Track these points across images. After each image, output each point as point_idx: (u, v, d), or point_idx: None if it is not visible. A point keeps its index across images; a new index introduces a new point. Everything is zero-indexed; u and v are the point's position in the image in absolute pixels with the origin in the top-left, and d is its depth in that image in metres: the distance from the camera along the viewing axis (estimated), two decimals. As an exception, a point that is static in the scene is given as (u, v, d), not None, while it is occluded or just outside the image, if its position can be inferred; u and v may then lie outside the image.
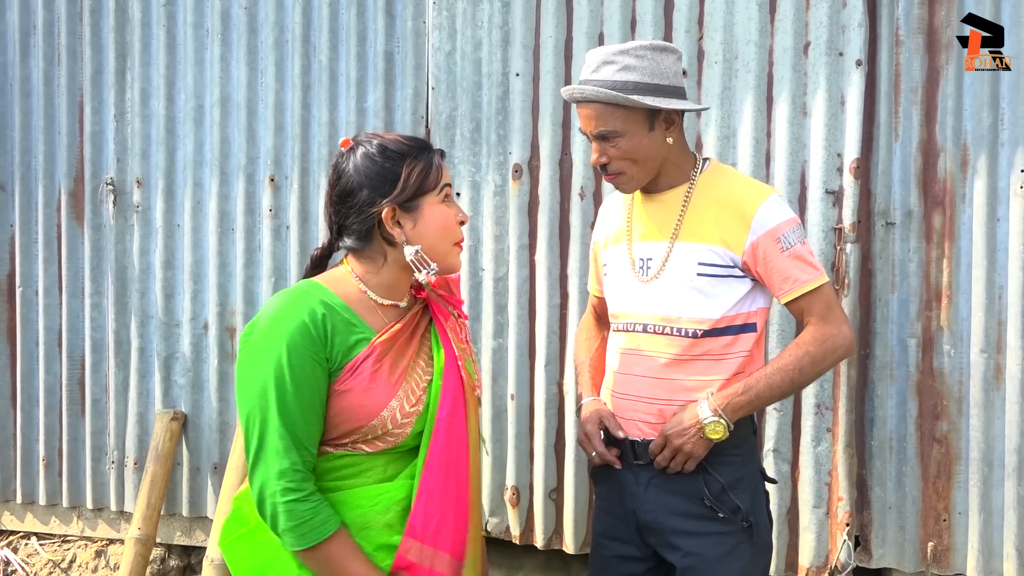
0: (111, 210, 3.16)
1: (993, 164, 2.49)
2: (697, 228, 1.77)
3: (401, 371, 1.53)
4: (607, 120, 1.72)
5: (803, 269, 1.74)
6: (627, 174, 1.77)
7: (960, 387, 2.53)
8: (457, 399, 1.56)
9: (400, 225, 1.53)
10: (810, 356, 1.73)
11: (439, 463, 1.52)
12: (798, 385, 1.77)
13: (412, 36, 2.87)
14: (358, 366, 1.48)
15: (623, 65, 1.71)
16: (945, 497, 2.55)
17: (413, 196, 1.52)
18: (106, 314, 3.19)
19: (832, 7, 2.53)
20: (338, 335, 1.48)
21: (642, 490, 1.81)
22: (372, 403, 1.48)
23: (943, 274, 2.53)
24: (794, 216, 1.78)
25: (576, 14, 2.72)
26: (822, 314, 1.75)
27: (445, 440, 1.53)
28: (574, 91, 1.74)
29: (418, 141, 1.58)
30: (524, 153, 2.78)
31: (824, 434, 2.56)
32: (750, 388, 1.72)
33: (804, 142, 2.57)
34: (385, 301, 1.57)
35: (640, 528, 1.82)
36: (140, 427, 3.15)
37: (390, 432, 1.50)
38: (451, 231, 1.57)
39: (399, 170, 1.52)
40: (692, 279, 1.76)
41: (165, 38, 3.08)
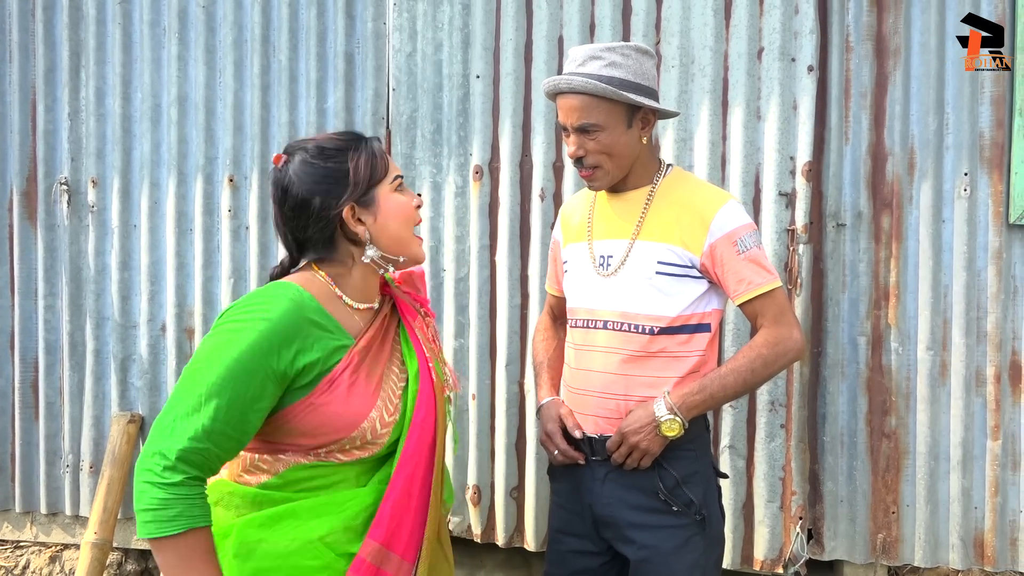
0: (65, 210, 3.11)
1: (939, 167, 2.58)
2: (657, 228, 1.81)
3: (378, 378, 1.49)
4: (590, 113, 1.76)
5: (757, 272, 1.79)
6: (603, 168, 1.81)
7: (908, 383, 2.61)
8: (429, 403, 1.54)
9: (362, 221, 1.50)
10: (762, 358, 1.78)
11: (408, 467, 1.50)
12: (751, 386, 1.81)
13: (372, 37, 2.87)
14: (336, 378, 1.43)
15: (609, 61, 1.76)
16: (894, 490, 2.63)
17: (367, 189, 1.49)
18: (60, 316, 3.14)
19: (785, 14, 2.59)
20: (313, 343, 1.41)
21: (598, 485, 1.84)
22: (352, 414, 1.44)
23: (891, 274, 2.61)
24: (751, 222, 1.83)
25: (536, 17, 2.75)
26: (774, 317, 1.80)
27: (416, 444, 1.51)
28: (560, 82, 1.77)
29: (351, 134, 1.54)
30: (485, 154, 2.80)
31: (778, 430, 2.63)
32: (705, 388, 1.76)
33: (758, 145, 2.63)
34: (361, 305, 1.53)
35: (596, 522, 1.86)
36: (96, 430, 3.10)
37: (370, 442, 1.47)
38: (411, 216, 1.54)
39: (345, 167, 1.48)
40: (651, 276, 1.80)
41: (121, 36, 3.04)
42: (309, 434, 1.44)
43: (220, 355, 1.36)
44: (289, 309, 1.41)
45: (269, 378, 1.37)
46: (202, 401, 1.34)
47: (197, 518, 1.34)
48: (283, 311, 1.40)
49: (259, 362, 1.36)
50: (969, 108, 2.57)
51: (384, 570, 1.46)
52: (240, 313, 1.40)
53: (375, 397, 1.47)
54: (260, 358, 1.36)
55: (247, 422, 1.37)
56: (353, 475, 1.49)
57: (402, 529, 1.49)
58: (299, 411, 1.42)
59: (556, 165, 2.77)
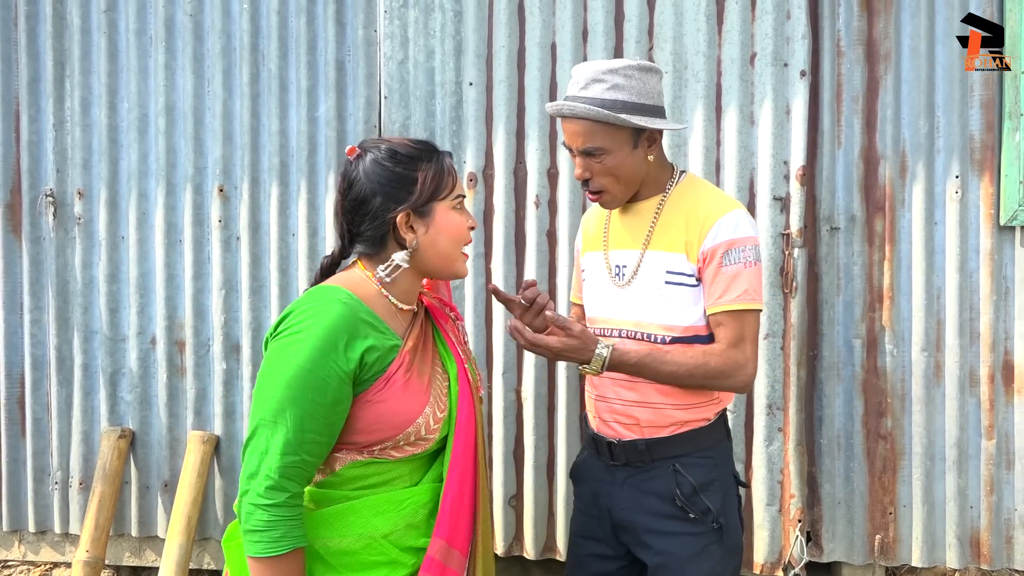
0: (51, 222, 3.06)
1: (930, 170, 2.61)
2: (666, 237, 1.80)
3: (428, 377, 1.54)
4: (594, 137, 1.74)
5: (734, 288, 1.74)
6: (609, 192, 1.80)
7: (903, 385, 2.63)
8: (469, 402, 1.59)
9: (413, 230, 1.53)
10: (709, 370, 1.73)
11: (459, 466, 1.55)
12: (681, 384, 1.77)
13: (363, 45, 2.85)
14: (392, 376, 1.48)
15: (612, 84, 1.74)
16: (891, 491, 2.65)
17: (428, 201, 1.52)
18: (47, 330, 3.08)
19: (776, 19, 2.61)
20: (370, 337, 1.46)
21: (617, 489, 1.85)
22: (408, 411, 1.48)
23: (885, 276, 2.63)
24: (752, 235, 1.77)
25: (528, 24, 2.75)
26: (735, 340, 1.74)
27: (464, 442, 1.56)
28: (563, 107, 1.75)
29: (426, 144, 1.57)
30: (479, 162, 2.79)
31: (776, 434, 2.64)
32: (643, 362, 1.72)
33: (752, 150, 2.65)
34: (405, 306, 1.57)
35: (615, 527, 1.86)
36: (85, 446, 3.05)
37: (423, 438, 1.51)
38: (462, 237, 1.57)
39: (413, 175, 1.52)
40: (660, 287, 1.79)
41: (106, 45, 3.00)
42: (365, 431, 1.47)
43: (286, 366, 1.40)
44: (343, 311, 1.45)
45: (342, 380, 1.43)
46: (284, 415, 1.39)
47: (299, 538, 1.42)
48: (338, 313, 1.44)
49: (328, 366, 1.41)
50: (959, 111, 2.60)
51: (449, 567, 1.53)
52: (296, 322, 1.44)
53: (427, 395, 1.51)
54: (327, 362, 1.41)
55: (333, 425, 1.44)
56: (407, 472, 1.53)
57: (460, 525, 1.55)
58: (357, 408, 1.46)
59: (551, 172, 2.76)
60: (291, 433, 1.39)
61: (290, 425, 1.39)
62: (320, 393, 1.40)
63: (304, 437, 1.40)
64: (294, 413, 1.39)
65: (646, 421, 1.82)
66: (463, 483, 1.56)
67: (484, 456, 1.66)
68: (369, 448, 1.49)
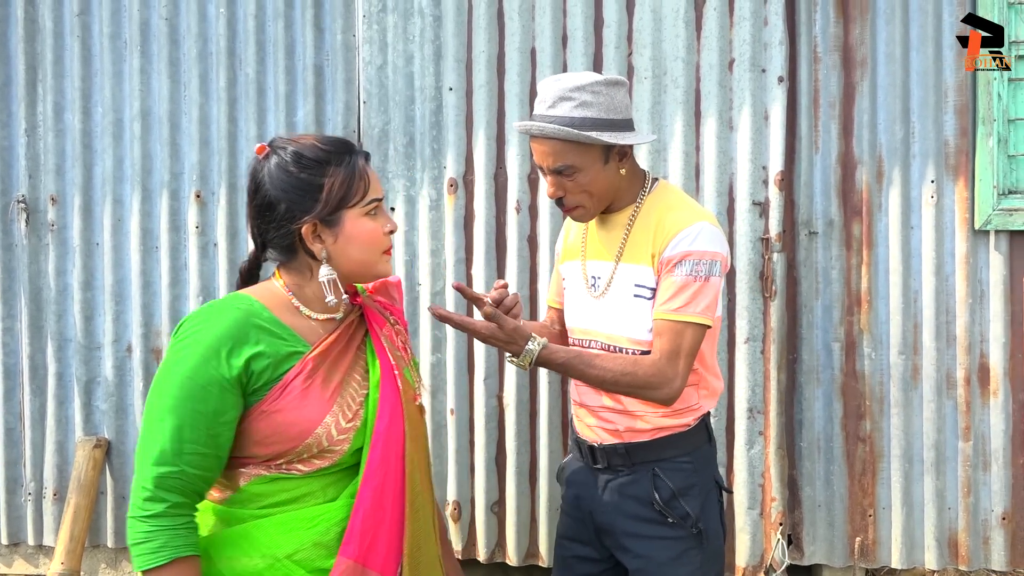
0: (23, 229, 3.01)
1: (906, 175, 2.64)
2: (636, 250, 1.80)
3: (335, 385, 1.45)
4: (564, 156, 1.73)
5: (678, 298, 1.70)
6: (583, 207, 1.79)
7: (881, 388, 2.66)
8: (395, 411, 1.49)
9: (321, 240, 1.45)
10: (635, 379, 1.70)
11: (376, 478, 1.45)
12: (607, 389, 1.76)
13: (342, 50, 2.83)
14: (288, 384, 1.40)
15: (580, 101, 1.72)
16: (870, 493, 2.67)
17: (335, 209, 1.44)
18: (19, 338, 3.03)
19: (754, 25, 2.63)
20: (261, 344, 1.39)
21: (599, 493, 1.86)
22: (305, 421, 1.40)
23: (863, 280, 2.66)
24: (713, 251, 1.72)
25: (508, 30, 2.75)
26: (669, 353, 1.70)
27: (383, 454, 1.46)
28: (532, 127, 1.74)
29: (339, 145, 1.47)
30: (459, 167, 2.78)
31: (756, 437, 2.65)
32: (569, 363, 1.70)
33: (731, 155, 2.66)
34: (320, 316, 1.49)
35: (597, 530, 1.87)
36: (59, 456, 3.00)
37: (327, 450, 1.43)
38: (377, 244, 1.48)
39: (319, 181, 1.43)
40: (630, 300, 1.79)
41: (80, 49, 2.96)
42: (263, 443, 1.40)
43: (171, 375, 1.36)
44: (236, 318, 1.40)
45: (225, 389, 1.36)
46: (161, 424, 1.34)
47: (181, 548, 1.34)
48: (230, 321, 1.39)
49: (209, 375, 1.36)
50: (934, 117, 2.63)
51: None
52: (188, 329, 1.40)
53: (330, 404, 1.43)
54: (208, 369, 1.36)
55: (218, 436, 1.37)
56: (319, 488, 1.45)
57: (378, 544, 1.45)
58: (252, 419, 1.40)
59: (531, 177, 2.76)
60: (167, 443, 1.34)
61: (168, 435, 1.34)
62: (201, 402, 1.35)
63: (183, 448, 1.34)
64: (172, 423, 1.34)
65: (625, 425, 1.82)
66: (380, 498, 1.46)
67: (422, 469, 1.55)
68: (273, 462, 1.42)
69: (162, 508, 1.33)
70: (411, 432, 1.52)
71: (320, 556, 1.42)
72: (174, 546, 1.34)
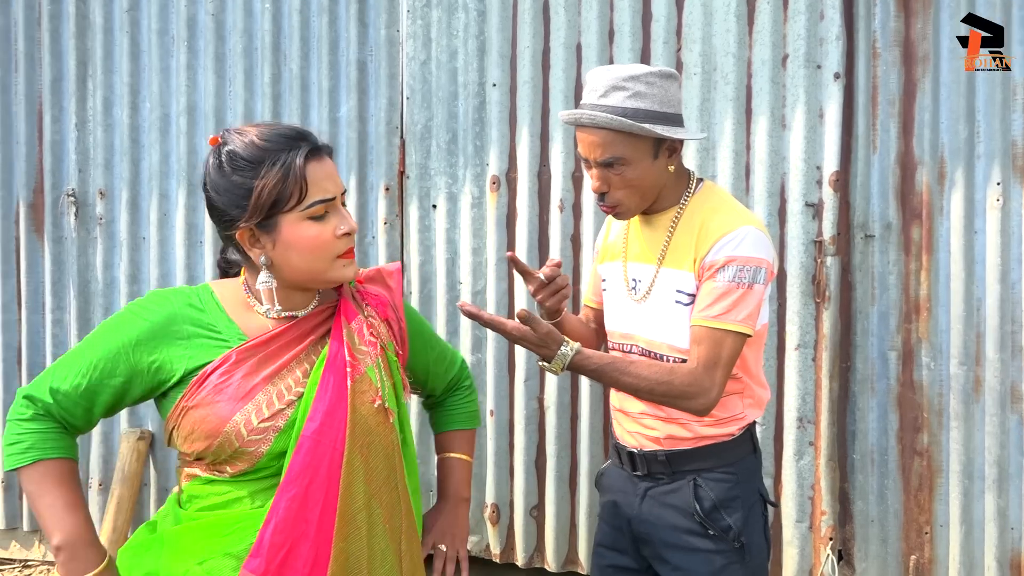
0: (73, 222, 3.05)
1: (970, 177, 2.50)
2: (678, 254, 1.73)
3: (259, 382, 1.35)
4: (614, 147, 1.66)
5: (719, 304, 1.63)
6: (625, 204, 1.72)
7: (940, 399, 2.53)
8: (332, 413, 1.35)
9: (260, 245, 1.35)
10: (671, 388, 1.63)
11: (296, 487, 1.32)
12: (641, 398, 1.70)
13: (386, 45, 2.81)
14: (206, 378, 1.34)
15: (634, 92, 1.65)
16: (927, 510, 2.55)
17: (267, 215, 1.32)
18: (68, 330, 3.08)
19: (810, 20, 2.52)
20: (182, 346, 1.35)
21: (638, 501, 1.80)
22: (216, 417, 1.32)
23: (922, 286, 2.54)
24: (758, 257, 1.65)
25: (553, 24, 2.69)
26: (707, 362, 1.63)
27: (308, 461, 1.33)
28: (582, 116, 1.66)
29: (279, 140, 1.34)
30: (502, 164, 2.74)
31: (806, 448, 2.55)
32: (602, 370, 1.64)
33: (783, 155, 2.56)
34: (276, 314, 1.39)
35: (636, 539, 1.82)
36: (105, 447, 3.04)
37: (240, 450, 1.33)
38: (323, 250, 1.35)
39: (248, 185, 1.32)
40: (671, 306, 1.72)
41: (129, 45, 2.99)
42: (187, 440, 1.36)
43: (102, 339, 1.37)
44: (171, 313, 1.38)
45: (129, 369, 1.36)
46: (69, 356, 1.38)
47: (48, 450, 1.36)
48: (165, 315, 1.38)
49: (125, 354, 1.36)
50: (1001, 115, 2.49)
51: None
52: (138, 304, 1.41)
53: (245, 401, 1.33)
54: (128, 351, 1.36)
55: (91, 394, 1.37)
56: (248, 494, 1.36)
57: (294, 562, 1.32)
58: (174, 416, 1.37)
59: (575, 175, 2.70)
60: (60, 371, 1.37)
61: (65, 365, 1.38)
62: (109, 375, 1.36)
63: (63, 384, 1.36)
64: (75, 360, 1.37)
65: (667, 432, 1.76)
66: (302, 510, 1.33)
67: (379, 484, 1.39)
68: (204, 462, 1.37)
69: (31, 414, 1.37)
70: (363, 439, 1.37)
71: (227, 567, 1.33)
72: (40, 448, 1.36)
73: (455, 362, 1.72)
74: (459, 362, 1.72)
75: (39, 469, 1.35)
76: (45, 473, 1.35)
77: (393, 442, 1.43)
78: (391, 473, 1.41)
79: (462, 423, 1.72)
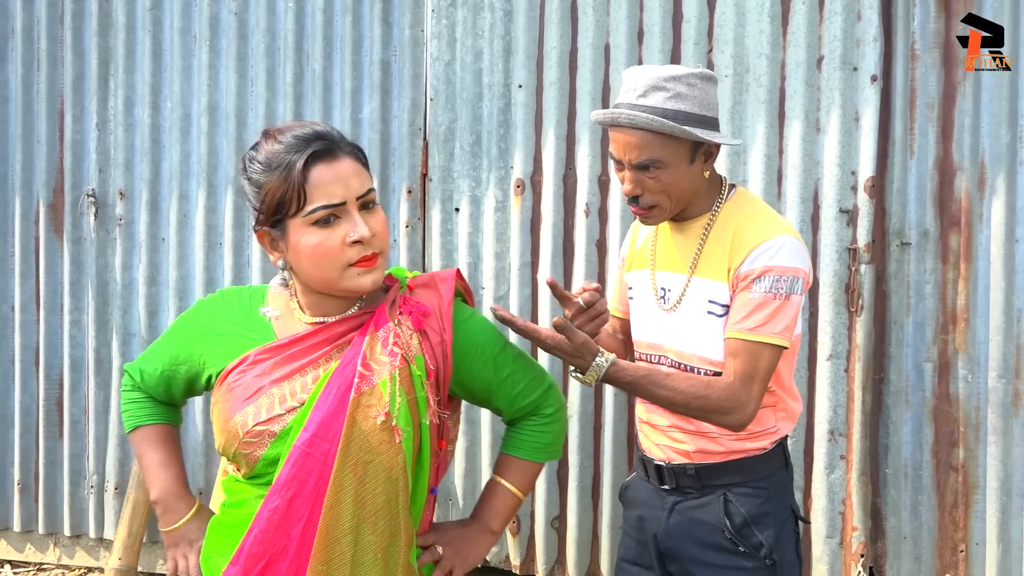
0: (92, 223, 3.03)
1: (1011, 183, 2.42)
2: (711, 263, 1.68)
3: (269, 383, 1.33)
4: (651, 149, 1.60)
5: (755, 316, 1.58)
6: (660, 207, 1.66)
7: (977, 413, 2.45)
8: (327, 426, 1.29)
9: (278, 248, 1.35)
10: (707, 403, 1.58)
11: (280, 497, 1.29)
12: (676, 412, 1.64)
13: (410, 45, 2.76)
14: (226, 376, 1.39)
15: (674, 93, 1.60)
16: (962, 527, 2.47)
17: (276, 220, 1.31)
18: (86, 331, 3.05)
19: (847, 21, 2.45)
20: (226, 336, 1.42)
21: (665, 515, 1.75)
22: (224, 415, 1.37)
23: (960, 296, 2.46)
24: (795, 267, 1.60)
25: (581, 24, 2.63)
26: (744, 376, 1.58)
27: (297, 472, 1.28)
28: (620, 115, 1.60)
29: (291, 142, 1.30)
30: (527, 168, 2.68)
31: (838, 461, 2.48)
32: (638, 382, 1.59)
33: (817, 159, 2.49)
34: (312, 319, 1.38)
35: (662, 554, 1.76)
36: (121, 450, 3.01)
37: (237, 453, 1.34)
38: (330, 258, 1.30)
39: (261, 186, 1.32)
40: (703, 317, 1.67)
41: (150, 44, 2.96)
42: (215, 435, 1.43)
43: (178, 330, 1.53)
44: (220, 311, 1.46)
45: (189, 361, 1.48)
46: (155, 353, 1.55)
47: (143, 417, 1.55)
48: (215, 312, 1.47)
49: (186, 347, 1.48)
50: (1045, 120, 2.41)
51: None
52: (203, 300, 1.54)
53: (250, 401, 1.33)
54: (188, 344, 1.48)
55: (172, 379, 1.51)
56: (254, 496, 1.36)
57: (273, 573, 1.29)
58: (211, 410, 1.45)
59: (602, 179, 2.64)
60: (148, 355, 1.56)
61: (153, 350, 1.55)
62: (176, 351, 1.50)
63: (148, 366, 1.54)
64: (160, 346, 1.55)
65: (697, 447, 1.71)
66: (284, 523, 1.28)
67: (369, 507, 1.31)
68: (225, 457, 1.44)
69: (130, 385, 1.57)
70: (360, 457, 1.30)
71: (217, 569, 1.35)
72: (136, 415, 1.55)
73: (536, 388, 1.55)
74: (542, 389, 1.56)
75: (139, 434, 1.55)
76: (143, 437, 1.54)
77: (399, 464, 1.32)
78: (392, 499, 1.33)
79: (525, 453, 1.57)
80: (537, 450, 1.58)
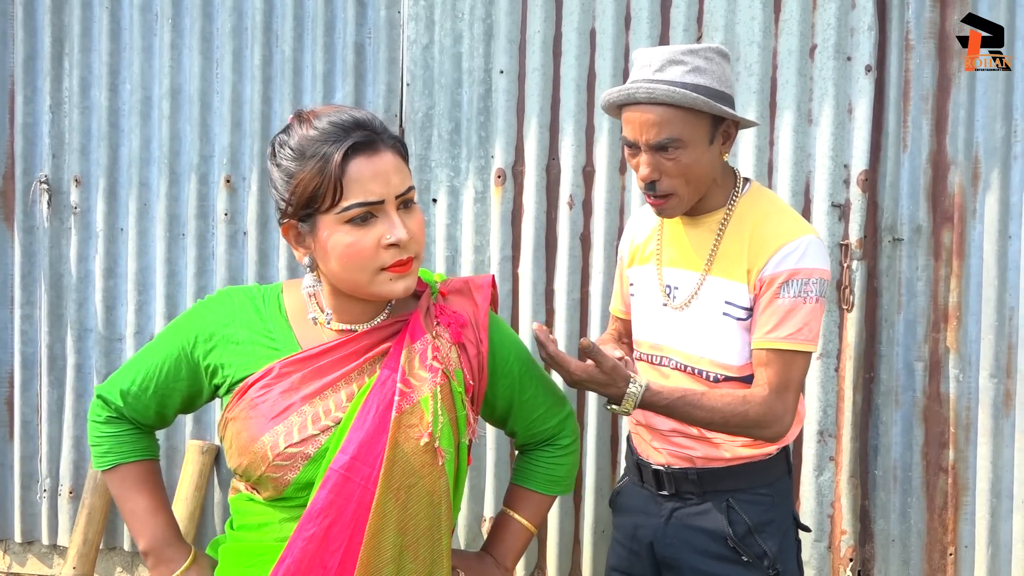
0: (45, 211, 2.85)
1: (1006, 178, 2.37)
2: (728, 261, 1.59)
3: (299, 399, 1.22)
4: (671, 127, 1.50)
5: (787, 324, 1.52)
6: (678, 195, 1.57)
7: (968, 413, 2.40)
8: (367, 448, 1.19)
9: (305, 244, 1.23)
10: (746, 419, 1.51)
11: (316, 525, 1.19)
12: (713, 430, 1.57)
13: (385, 27, 2.63)
14: (246, 390, 1.23)
15: (693, 67, 1.51)
16: (951, 530, 2.42)
17: (306, 214, 1.19)
18: (38, 327, 2.88)
19: (841, 8, 2.38)
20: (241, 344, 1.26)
21: (662, 523, 1.68)
22: (247, 434, 1.22)
23: (952, 294, 2.40)
24: (821, 269, 1.55)
25: (566, 8, 2.52)
26: (778, 386, 1.52)
27: (334, 498, 1.19)
28: (637, 90, 1.50)
29: (328, 130, 1.18)
30: (508, 157, 2.57)
31: (827, 463, 2.41)
32: (674, 405, 1.50)
33: (809, 152, 2.42)
34: (337, 326, 1.26)
35: (658, 564, 1.70)
36: (76, 452, 2.85)
37: (264, 476, 1.20)
38: (361, 261, 1.19)
39: (290, 178, 1.19)
40: (718, 318, 1.59)
41: (108, 21, 2.79)
42: (227, 453, 1.28)
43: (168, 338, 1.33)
44: (230, 314, 1.29)
45: (191, 371, 1.31)
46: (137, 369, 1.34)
47: (124, 454, 1.36)
48: (223, 316, 1.29)
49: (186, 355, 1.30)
50: (1039, 114, 2.36)
51: None
52: (203, 302, 1.35)
53: (276, 421, 1.21)
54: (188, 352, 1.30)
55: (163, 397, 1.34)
56: (277, 521, 1.24)
57: None
58: (221, 424, 1.30)
59: (586, 169, 2.54)
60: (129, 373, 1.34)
61: (133, 366, 1.35)
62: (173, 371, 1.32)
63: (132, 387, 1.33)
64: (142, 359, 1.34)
65: (699, 450, 1.64)
66: (320, 553, 1.18)
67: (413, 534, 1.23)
68: (243, 479, 1.28)
69: (104, 416, 1.37)
70: (403, 480, 1.21)
71: None
72: (118, 452, 1.36)
73: (555, 415, 1.45)
74: (560, 417, 1.46)
75: (119, 473, 1.37)
76: (124, 477, 1.36)
77: (442, 488, 1.24)
78: (434, 524, 1.24)
79: (538, 485, 1.46)
80: (551, 483, 1.47)
